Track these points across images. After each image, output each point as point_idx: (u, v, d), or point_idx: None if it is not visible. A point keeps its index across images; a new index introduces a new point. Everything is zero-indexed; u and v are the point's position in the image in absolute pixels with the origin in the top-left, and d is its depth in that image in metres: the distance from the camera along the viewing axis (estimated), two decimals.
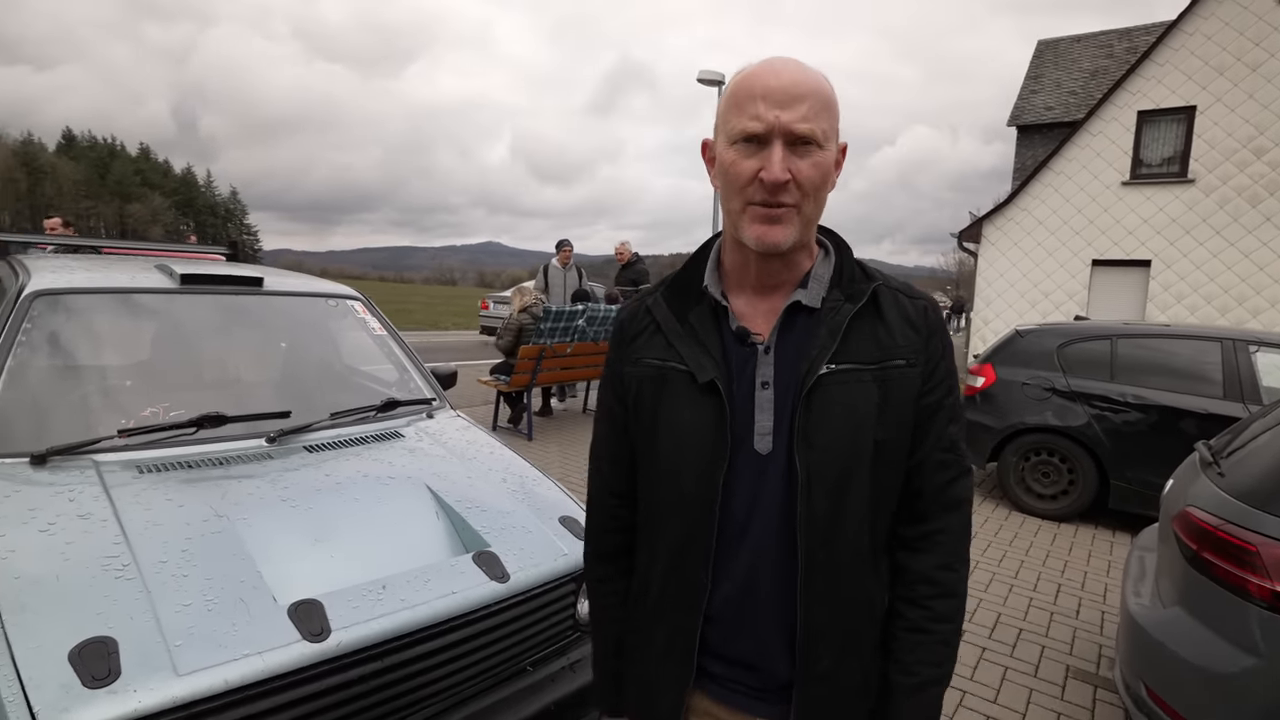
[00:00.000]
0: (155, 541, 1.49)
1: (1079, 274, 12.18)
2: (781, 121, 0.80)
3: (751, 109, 0.81)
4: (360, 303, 2.93)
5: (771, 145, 0.81)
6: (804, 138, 0.80)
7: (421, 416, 2.56)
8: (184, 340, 2.33)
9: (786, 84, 0.81)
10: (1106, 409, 4.74)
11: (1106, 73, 15.36)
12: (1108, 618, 3.47)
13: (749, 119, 0.81)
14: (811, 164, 0.82)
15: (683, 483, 0.90)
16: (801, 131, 0.80)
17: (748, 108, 0.82)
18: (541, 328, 6.31)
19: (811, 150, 0.81)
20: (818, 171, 0.82)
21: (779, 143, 0.81)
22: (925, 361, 0.89)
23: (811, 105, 0.81)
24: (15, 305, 2.06)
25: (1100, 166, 11.88)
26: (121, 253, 3.16)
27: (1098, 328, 5.16)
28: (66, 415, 1.94)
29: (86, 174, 75.74)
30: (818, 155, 0.82)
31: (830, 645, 0.87)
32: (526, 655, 1.75)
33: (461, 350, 13.94)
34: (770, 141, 0.81)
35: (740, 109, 0.83)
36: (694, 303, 0.95)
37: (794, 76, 0.81)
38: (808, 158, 0.82)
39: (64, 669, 1.15)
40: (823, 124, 0.82)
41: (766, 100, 0.80)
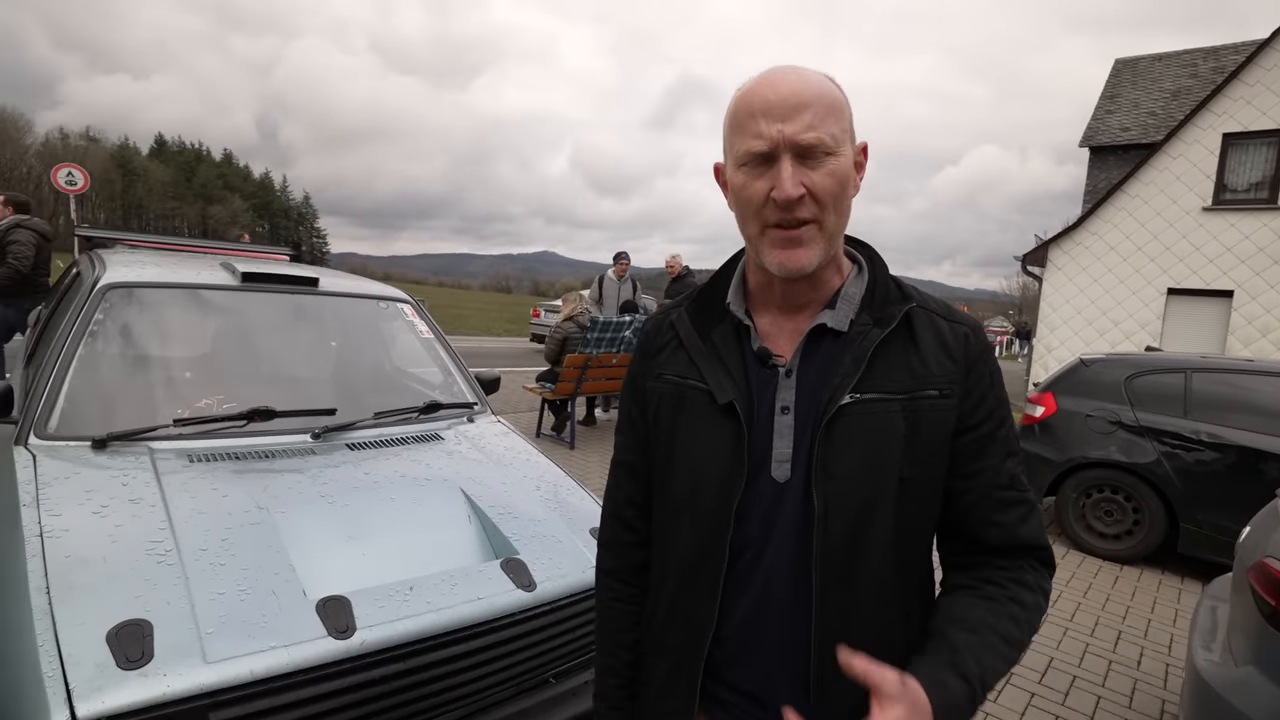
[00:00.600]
0: (198, 529, 1.54)
1: (1152, 303, 11.56)
2: (785, 135, 0.76)
3: (753, 127, 0.77)
4: (409, 306, 3.00)
5: (779, 161, 0.77)
6: (812, 147, 0.76)
7: (462, 420, 2.59)
8: (240, 335, 2.42)
9: (785, 95, 0.76)
10: (1178, 446, 4.45)
11: (1189, 93, 14.63)
12: (1173, 671, 3.24)
13: (751, 138, 0.78)
14: (825, 173, 0.77)
15: (696, 506, 0.87)
16: (808, 141, 0.75)
17: (749, 126, 0.78)
18: (588, 337, 6.34)
19: (823, 159, 0.77)
20: (833, 180, 0.77)
21: (786, 157, 0.76)
22: (965, 394, 0.83)
23: (815, 112, 0.76)
24: (90, 296, 2.18)
25: (1180, 191, 11.29)
26: (196, 250, 3.32)
27: (1172, 359, 4.86)
28: (127, 402, 2.04)
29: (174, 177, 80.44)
30: (831, 163, 0.77)
31: (845, 689, 0.80)
32: (550, 666, 1.74)
33: (511, 356, 14.16)
34: (777, 158, 0.77)
35: (742, 129, 0.79)
36: (717, 320, 0.91)
37: (792, 86, 0.77)
38: (820, 167, 0.77)
39: (101, 649, 1.19)
40: (830, 129, 0.77)
41: (767, 115, 0.76)
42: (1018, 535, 0.83)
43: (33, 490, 1.59)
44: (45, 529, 1.45)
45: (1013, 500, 0.83)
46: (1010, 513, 0.83)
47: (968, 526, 0.84)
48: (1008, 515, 0.83)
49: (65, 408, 1.92)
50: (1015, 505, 0.83)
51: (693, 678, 0.88)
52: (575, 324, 6.78)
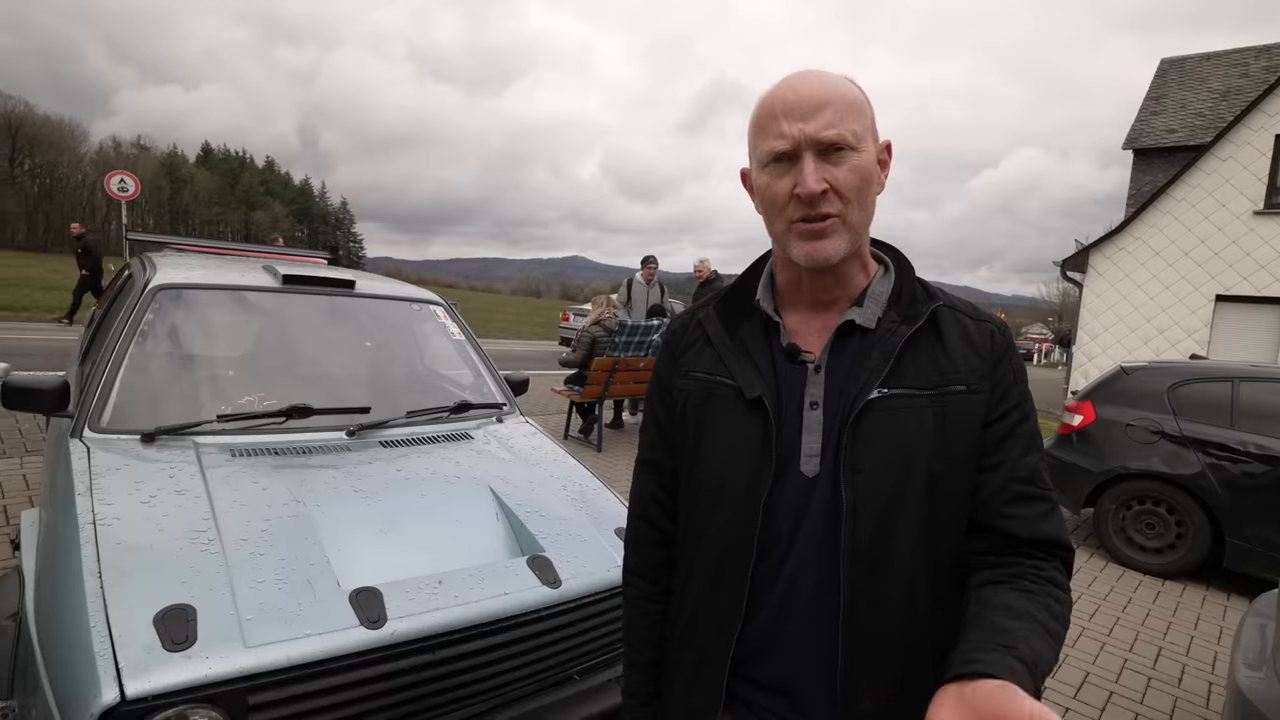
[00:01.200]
0: (239, 520, 1.60)
1: (1200, 310, 11.19)
2: (807, 133, 0.78)
3: (775, 128, 0.80)
4: (442, 308, 3.06)
5: (802, 159, 0.79)
6: (834, 144, 0.78)
7: (491, 420, 2.63)
8: (280, 335, 2.51)
9: (805, 95, 0.79)
10: (1224, 458, 4.30)
11: (1240, 93, 14.14)
12: (1216, 690, 3.14)
13: (774, 139, 0.81)
14: (848, 169, 0.79)
15: (725, 501, 0.88)
16: (829, 138, 0.78)
17: (771, 128, 0.81)
18: (616, 340, 6.38)
19: (845, 155, 0.79)
20: (856, 175, 0.80)
21: (809, 155, 0.79)
22: (991, 388, 0.83)
23: (835, 110, 0.79)
24: (141, 297, 2.28)
25: (1229, 194, 10.91)
26: (239, 254, 3.44)
27: (1219, 368, 4.71)
28: (174, 398, 2.13)
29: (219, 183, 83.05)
30: (853, 159, 0.79)
31: (873, 685, 0.82)
32: (574, 663, 1.76)
33: (539, 359, 14.29)
34: (800, 156, 0.79)
35: (764, 131, 0.82)
36: (745, 317, 0.93)
37: (811, 87, 0.80)
38: (843, 164, 0.79)
39: (148, 630, 1.25)
40: (851, 126, 0.79)
41: (788, 116, 0.79)
42: (1038, 529, 0.81)
43: (86, 480, 1.67)
44: (98, 517, 1.52)
45: (1033, 495, 0.83)
46: (1030, 507, 0.82)
47: (987, 518, 0.83)
48: (1028, 509, 0.82)
49: (117, 403, 2.01)
50: (1035, 500, 0.83)
51: (719, 673, 0.89)
52: (603, 328, 6.83)
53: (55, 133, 64.57)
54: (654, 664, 1.03)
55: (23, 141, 61.97)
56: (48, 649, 1.29)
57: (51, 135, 63.94)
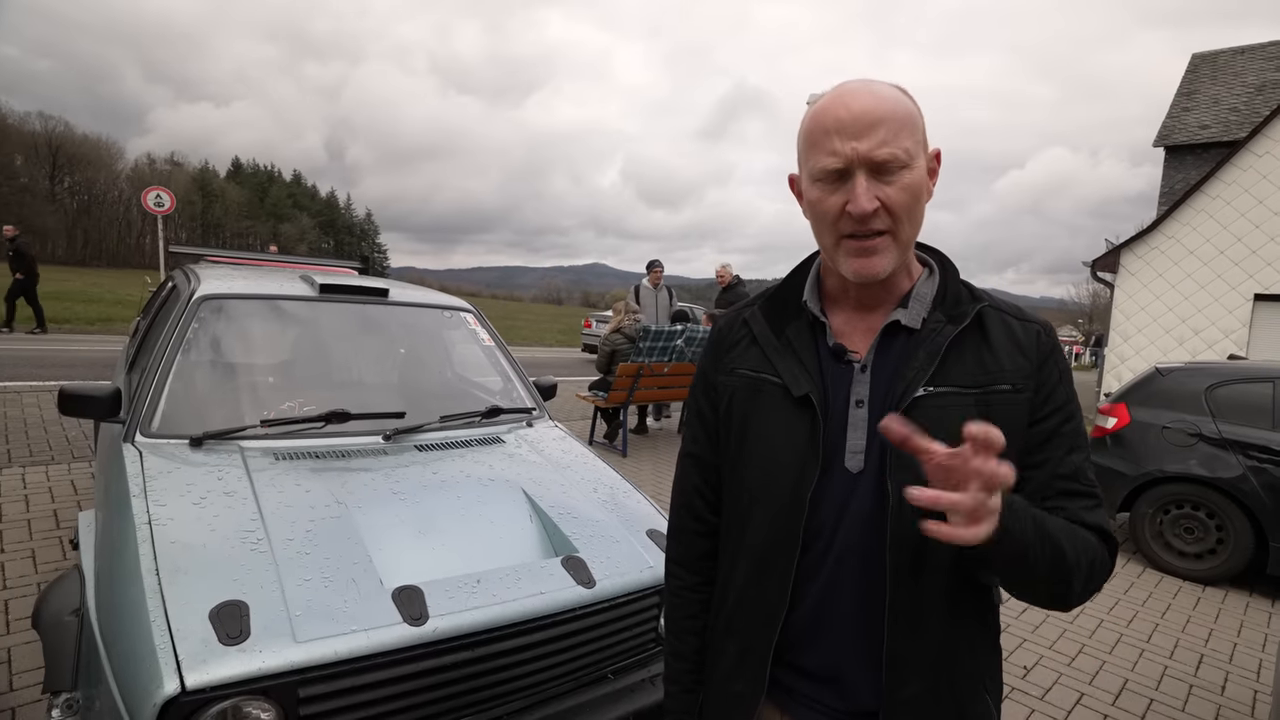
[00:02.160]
0: (285, 521, 1.66)
1: (1238, 309, 10.89)
2: (860, 152, 0.79)
3: (828, 145, 0.81)
4: (472, 315, 3.12)
5: (854, 178, 0.80)
6: (886, 163, 0.79)
7: (522, 425, 2.68)
8: (319, 342, 2.58)
9: (858, 113, 0.79)
10: (1267, 461, 4.20)
11: (1276, 86, 13.80)
12: (1261, 698, 3.06)
13: (826, 155, 0.81)
14: (899, 188, 0.80)
15: (772, 494, 0.90)
16: (882, 158, 0.79)
17: (824, 144, 0.82)
18: (640, 346, 6.41)
19: (897, 173, 0.80)
20: (907, 194, 0.81)
21: (861, 173, 0.80)
22: (1036, 387, 0.85)
23: (888, 128, 0.79)
24: (187, 307, 2.37)
25: (1267, 190, 10.63)
26: (273, 264, 3.54)
27: (1258, 368, 4.60)
28: (220, 404, 2.21)
29: (249, 197, 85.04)
30: (905, 177, 0.80)
31: (917, 671, 0.84)
32: (608, 662, 1.79)
33: (563, 366, 14.38)
34: (852, 174, 0.80)
35: (817, 146, 0.83)
36: (792, 317, 0.95)
37: (865, 104, 0.80)
38: (894, 183, 0.80)
39: (205, 625, 1.30)
40: (904, 143, 0.80)
41: (841, 134, 0.80)
42: (1081, 519, 0.82)
43: (140, 483, 1.74)
44: (153, 517, 1.59)
45: (1076, 491, 0.84)
46: (1073, 501, 0.83)
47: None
48: (1071, 503, 0.83)
49: (166, 409, 2.09)
50: (1078, 496, 0.84)
51: (762, 660, 0.91)
52: (623, 335, 6.87)
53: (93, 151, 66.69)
54: (696, 653, 1.05)
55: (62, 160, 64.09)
56: (110, 643, 1.35)
57: (89, 153, 66.04)
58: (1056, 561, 0.76)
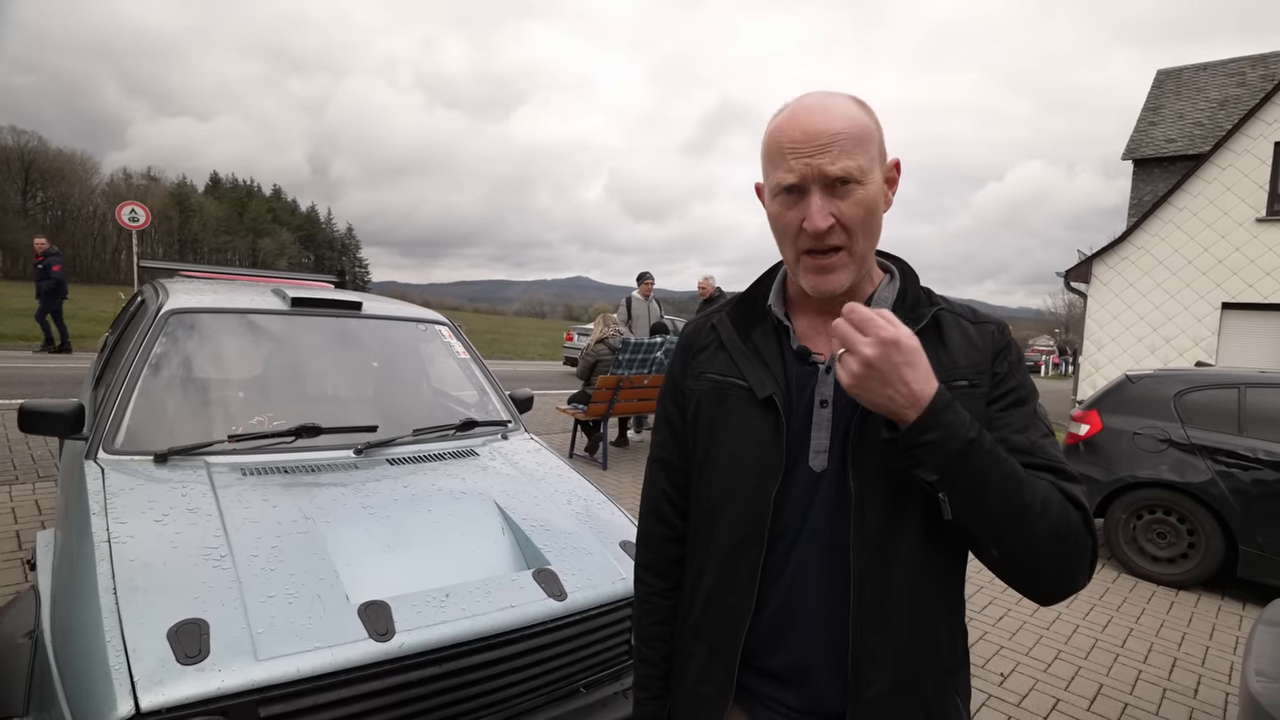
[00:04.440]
0: (250, 537, 1.63)
1: (1206, 318, 11.15)
2: (813, 167, 0.80)
3: (783, 162, 0.83)
4: (447, 328, 3.11)
5: (809, 194, 0.82)
6: (839, 179, 0.81)
7: (497, 437, 2.66)
8: (290, 356, 2.55)
9: (812, 130, 0.81)
10: (1234, 465, 4.28)
11: (1238, 102, 14.21)
12: (1233, 700, 3.09)
13: (783, 172, 0.83)
14: (853, 203, 0.82)
15: (736, 495, 0.91)
16: (835, 174, 0.80)
17: (780, 161, 0.83)
18: (620, 358, 6.41)
19: (851, 189, 0.81)
20: (861, 208, 0.82)
21: (815, 190, 0.81)
22: (991, 377, 0.87)
23: (841, 144, 0.80)
24: (154, 321, 2.33)
25: (1231, 202, 10.93)
26: (247, 279, 3.51)
27: (1224, 374, 4.70)
28: (186, 420, 2.17)
29: (227, 212, 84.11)
30: (859, 192, 0.82)
31: (882, 669, 0.84)
32: (580, 676, 1.77)
33: (544, 379, 14.32)
34: (807, 191, 0.82)
35: (774, 162, 0.85)
36: (757, 321, 0.97)
37: (819, 121, 0.81)
38: (848, 197, 0.82)
39: (162, 644, 1.27)
40: (858, 159, 0.81)
41: (796, 151, 0.81)
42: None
43: (101, 500, 1.70)
44: (113, 535, 1.55)
45: (1036, 465, 0.82)
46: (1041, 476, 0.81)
47: None
48: None
49: (130, 425, 2.05)
50: (1039, 469, 0.81)
51: (730, 663, 0.92)
52: (606, 346, 6.87)
53: (67, 166, 65.68)
54: (664, 659, 1.06)
55: (35, 175, 63.03)
56: (64, 665, 1.31)
57: (63, 168, 65.03)
58: (1011, 490, 0.74)
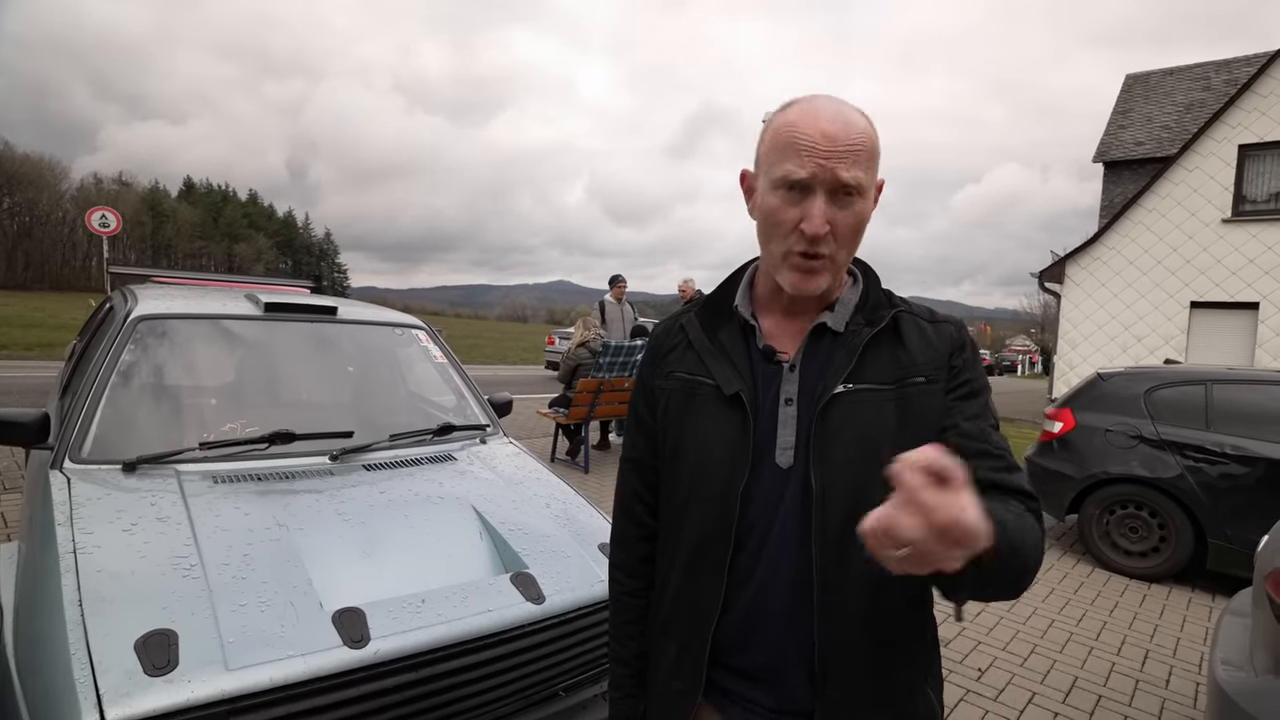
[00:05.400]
0: (221, 545, 1.61)
1: (1176, 316, 11.40)
2: (827, 170, 0.81)
3: (796, 156, 0.82)
4: (424, 332, 3.09)
5: (814, 196, 0.82)
6: (846, 186, 0.82)
7: (475, 442, 2.65)
8: (263, 362, 2.52)
9: (833, 135, 0.81)
10: (1202, 460, 4.38)
11: (1203, 105, 14.57)
12: (1204, 690, 3.16)
13: (794, 165, 0.82)
14: (851, 214, 0.83)
15: (705, 492, 0.92)
16: (847, 181, 0.81)
17: (791, 154, 0.82)
18: (600, 361, 6.41)
19: (853, 200, 0.83)
20: (856, 220, 0.84)
21: (821, 193, 0.82)
22: (948, 372, 0.89)
23: (856, 155, 0.81)
24: (123, 327, 2.29)
25: (1198, 203, 11.20)
26: (221, 284, 3.46)
27: (1191, 372, 4.81)
28: (156, 427, 2.13)
29: (202, 217, 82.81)
30: (858, 204, 0.84)
31: (850, 666, 0.85)
32: (559, 679, 1.76)
33: (525, 384, 14.27)
34: (813, 190, 0.82)
35: (784, 154, 0.83)
36: (725, 321, 0.98)
37: (839, 129, 0.81)
38: (848, 208, 0.83)
39: (129, 656, 1.24)
40: (868, 173, 0.83)
41: (813, 150, 0.81)
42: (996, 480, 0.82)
43: (67, 510, 1.67)
44: (79, 545, 1.52)
45: (984, 452, 0.84)
46: (984, 461, 0.83)
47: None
48: (982, 463, 0.83)
49: (98, 433, 2.01)
50: (986, 456, 0.84)
51: (698, 660, 0.93)
52: (588, 349, 6.86)
53: (34, 170, 64.26)
54: (638, 657, 1.06)
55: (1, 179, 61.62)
56: (27, 679, 1.28)
57: (30, 173, 63.62)
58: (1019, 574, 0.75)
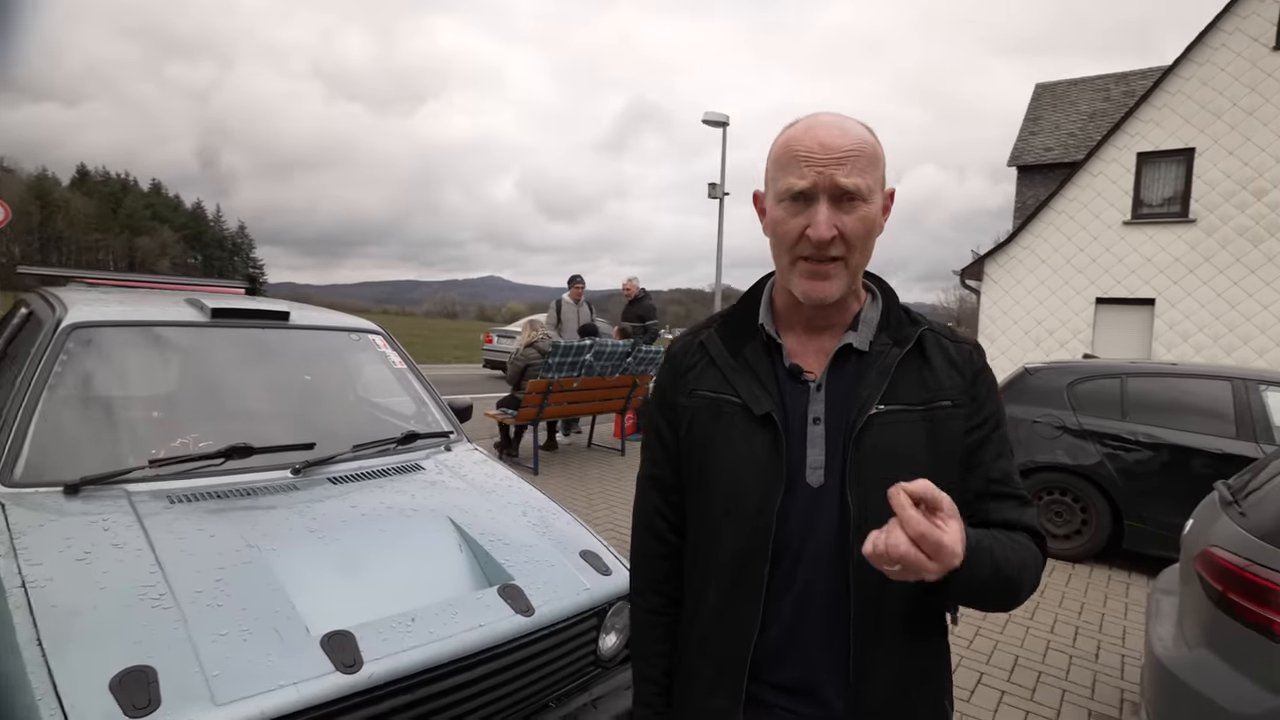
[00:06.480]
0: (189, 571, 1.50)
1: (1083, 312, 12.24)
2: (826, 177, 0.83)
3: (797, 168, 0.85)
4: (381, 337, 2.97)
5: (817, 202, 0.84)
6: (848, 192, 0.84)
7: (440, 449, 2.58)
8: (213, 372, 2.37)
9: (829, 141, 0.84)
10: (1119, 448, 4.73)
11: (1105, 115, 15.67)
12: (1128, 661, 3.42)
13: (795, 177, 0.85)
14: (857, 218, 0.85)
15: (738, 512, 0.92)
16: (846, 186, 0.83)
17: (793, 168, 0.85)
18: (550, 362, 6.35)
19: (857, 205, 0.85)
20: (863, 225, 0.86)
21: (824, 200, 0.84)
22: (970, 401, 0.92)
23: (855, 161, 0.84)
24: (53, 338, 2.10)
25: (1101, 206, 12.05)
26: (154, 286, 3.22)
27: (1108, 366, 5.18)
28: (99, 445, 1.97)
29: (98, 209, 76.87)
30: (863, 209, 0.85)
31: (885, 680, 0.88)
32: (550, 690, 1.75)
33: (466, 384, 13.96)
34: (816, 198, 0.84)
35: (786, 168, 0.87)
36: (748, 338, 0.98)
37: (836, 137, 0.84)
38: (853, 212, 0.85)
39: (105, 698, 1.15)
40: (868, 178, 0.85)
41: (811, 158, 0.84)
42: (1010, 519, 0.91)
43: (7, 540, 1.52)
44: (28, 580, 1.39)
45: (1005, 494, 0.92)
46: (1004, 503, 0.91)
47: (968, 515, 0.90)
48: (1002, 505, 0.91)
49: (31, 454, 1.84)
50: (1008, 498, 0.92)
51: (738, 676, 0.93)
52: (537, 350, 6.79)
53: None
54: (665, 675, 1.06)
55: None
56: None
57: None
58: (1007, 590, 0.84)
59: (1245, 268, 10.77)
